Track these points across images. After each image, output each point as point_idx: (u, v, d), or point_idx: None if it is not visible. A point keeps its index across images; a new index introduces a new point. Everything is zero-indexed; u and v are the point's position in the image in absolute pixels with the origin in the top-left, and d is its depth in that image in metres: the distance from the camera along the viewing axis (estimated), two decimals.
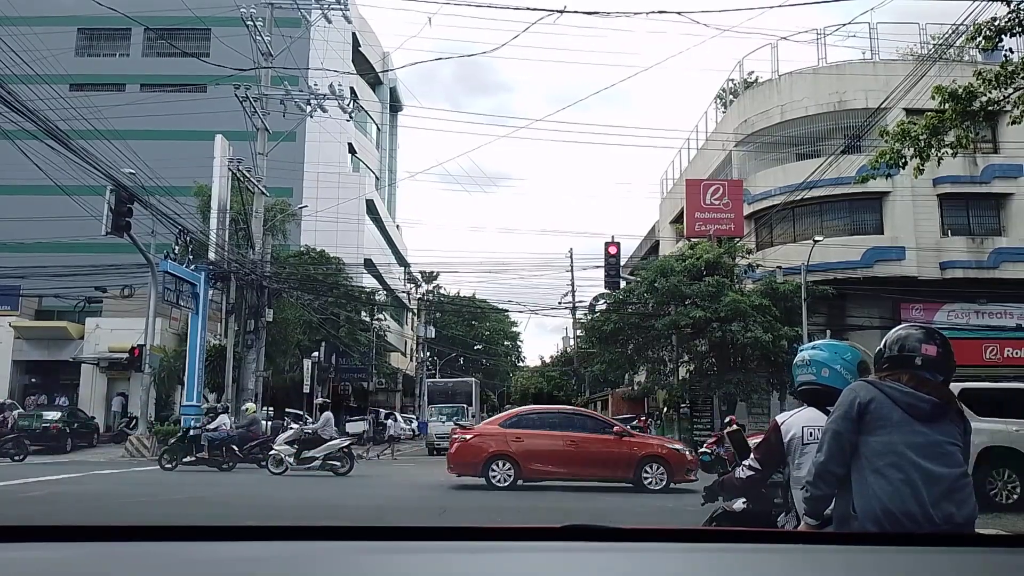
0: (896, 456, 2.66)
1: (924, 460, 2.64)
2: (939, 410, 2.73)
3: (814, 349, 3.46)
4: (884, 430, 2.71)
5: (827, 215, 29.10)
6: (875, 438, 2.71)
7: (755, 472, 3.46)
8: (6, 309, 31.99)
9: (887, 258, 27.57)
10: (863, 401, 2.76)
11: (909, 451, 2.66)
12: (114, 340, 29.71)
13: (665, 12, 41.45)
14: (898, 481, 2.63)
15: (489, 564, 1.33)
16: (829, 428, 2.83)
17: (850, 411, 2.76)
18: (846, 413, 2.77)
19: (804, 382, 3.39)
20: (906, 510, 2.60)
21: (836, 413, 2.83)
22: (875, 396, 2.76)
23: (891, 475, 2.65)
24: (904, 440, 2.68)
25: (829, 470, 2.79)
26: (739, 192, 30.20)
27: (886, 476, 2.65)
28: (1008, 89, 10.89)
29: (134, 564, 1.29)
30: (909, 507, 2.60)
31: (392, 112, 54.62)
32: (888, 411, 2.72)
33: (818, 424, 3.20)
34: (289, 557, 1.33)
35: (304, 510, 10.63)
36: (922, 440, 2.67)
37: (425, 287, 56.93)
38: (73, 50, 38.20)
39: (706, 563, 1.41)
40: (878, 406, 2.73)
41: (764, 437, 3.50)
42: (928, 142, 11.13)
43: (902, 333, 2.92)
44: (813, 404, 3.37)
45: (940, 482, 2.62)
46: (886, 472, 2.66)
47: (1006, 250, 27.59)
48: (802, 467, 3.17)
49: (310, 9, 24.76)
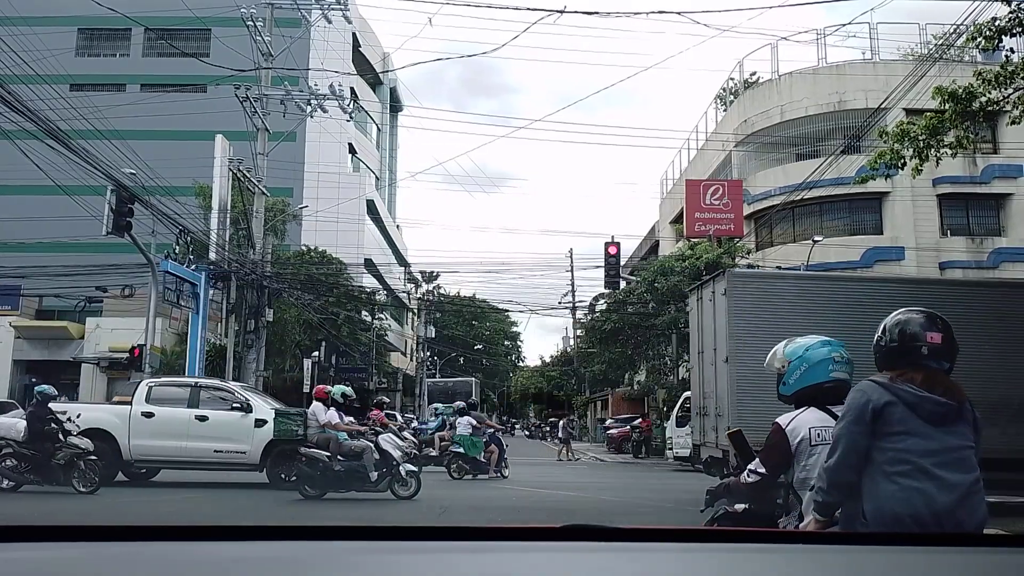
0: (910, 465, 2.58)
1: (939, 469, 2.56)
2: (954, 412, 2.64)
3: (842, 347, 3.31)
4: (898, 436, 2.61)
5: (827, 215, 29.12)
6: (889, 444, 2.62)
7: (761, 477, 3.38)
8: (6, 309, 32.00)
9: (887, 258, 27.58)
10: (877, 406, 2.64)
11: (924, 459, 2.57)
12: (114, 340, 29.72)
13: (665, 12, 41.50)
14: (911, 489, 2.56)
15: (489, 564, 1.33)
16: (843, 434, 2.71)
17: (863, 416, 2.65)
18: (859, 418, 2.65)
19: (840, 380, 3.21)
20: (918, 517, 2.53)
21: (848, 418, 2.70)
22: (889, 400, 2.63)
23: (904, 483, 2.57)
24: (919, 448, 2.59)
25: (844, 478, 2.69)
26: (739, 192, 30.21)
27: (899, 484, 2.57)
28: (1008, 89, 10.90)
29: (134, 564, 1.29)
30: (921, 515, 2.53)
31: (392, 112, 54.60)
32: (902, 416, 2.62)
33: (825, 425, 3.13)
34: (289, 557, 1.33)
35: (304, 510, 10.63)
36: (937, 446, 2.59)
37: (425, 287, 56.91)
38: (73, 50, 38.20)
39: (706, 563, 1.41)
40: (892, 411, 2.62)
41: (769, 441, 3.36)
42: (927, 142, 11.13)
43: (902, 318, 2.79)
44: (812, 404, 3.27)
45: (954, 490, 2.55)
46: (899, 480, 2.58)
47: (1006, 250, 27.59)
48: (810, 469, 3.11)
49: (310, 9, 24.75)
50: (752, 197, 30.37)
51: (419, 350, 52.44)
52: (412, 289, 55.19)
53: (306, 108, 24.96)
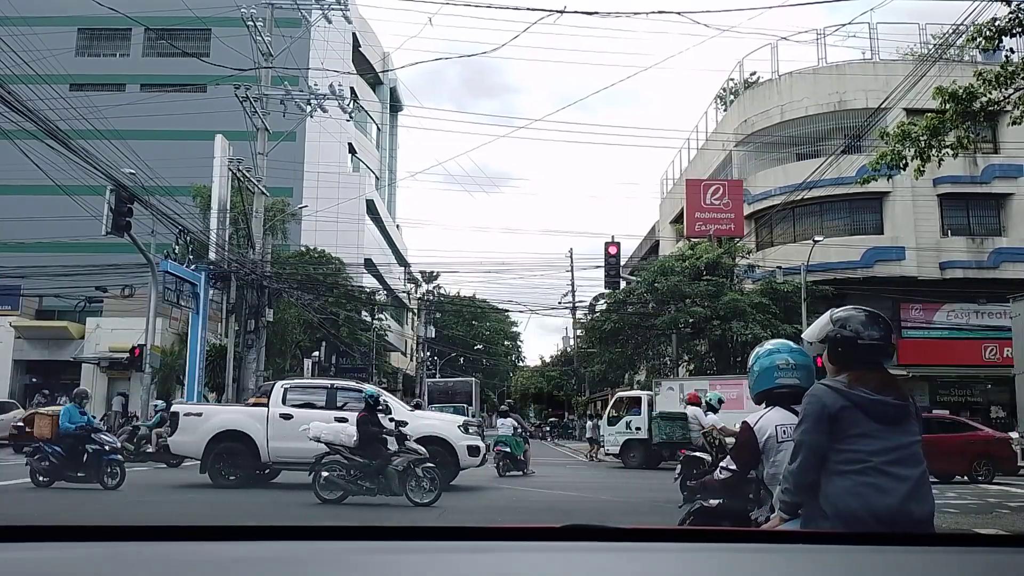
0: (864, 464, 2.75)
1: (890, 466, 2.74)
2: (903, 411, 2.82)
3: (795, 353, 3.55)
4: (852, 439, 2.78)
5: (827, 215, 29.11)
6: (844, 446, 2.79)
7: (732, 473, 3.61)
8: (7, 309, 32.02)
9: (887, 258, 27.58)
10: (832, 412, 2.80)
11: (876, 458, 2.75)
12: (114, 340, 29.74)
13: (665, 12, 41.51)
14: (866, 486, 2.73)
15: (489, 564, 1.33)
16: (803, 440, 2.87)
17: (820, 423, 2.81)
18: (817, 424, 2.82)
19: (788, 385, 3.47)
20: (873, 511, 2.71)
21: (806, 424, 2.86)
22: (843, 405, 2.80)
23: (859, 480, 2.75)
24: (872, 447, 2.76)
25: (807, 479, 2.87)
26: (739, 192, 30.21)
27: (854, 481, 2.75)
28: (1008, 89, 10.89)
29: (134, 564, 1.29)
30: (875, 508, 2.71)
31: (392, 112, 54.62)
32: (856, 420, 2.78)
33: (790, 422, 3.28)
34: (289, 557, 1.33)
35: (304, 510, 10.63)
36: (888, 445, 2.77)
37: (425, 287, 56.90)
38: (73, 50, 38.23)
39: (706, 563, 1.41)
40: (846, 415, 2.79)
41: (739, 440, 3.62)
42: (928, 143, 11.13)
43: (843, 315, 2.95)
44: (778, 404, 3.49)
45: (905, 483, 2.73)
46: (854, 478, 2.75)
47: (1006, 250, 27.60)
48: (778, 465, 3.26)
49: (310, 9, 24.76)
50: (752, 197, 30.37)
51: (419, 350, 52.46)
52: (412, 289, 55.19)
53: (306, 108, 24.96)
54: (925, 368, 27.39)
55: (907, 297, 27.66)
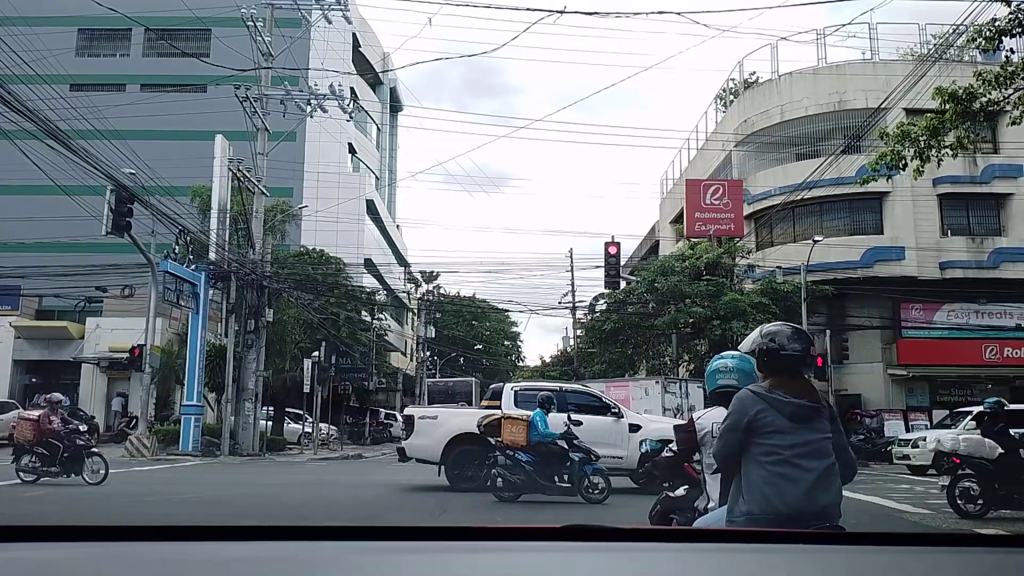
0: (778, 457, 3.20)
1: (801, 459, 3.18)
2: (815, 412, 3.26)
3: (735, 359, 4.15)
4: (769, 434, 3.23)
5: (827, 215, 29.11)
6: (762, 441, 3.23)
7: (674, 454, 4.47)
8: (6, 309, 32.00)
9: (887, 258, 27.58)
10: (751, 415, 3.25)
11: (789, 451, 3.19)
12: (114, 340, 29.72)
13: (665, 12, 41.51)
14: (778, 477, 3.17)
15: (489, 564, 1.33)
16: (723, 435, 3.39)
17: (740, 423, 3.27)
18: (736, 425, 3.29)
19: (725, 385, 4.07)
20: (784, 499, 3.14)
21: (729, 420, 3.35)
22: (761, 408, 3.25)
23: (773, 470, 3.19)
24: (784, 443, 3.20)
25: (724, 460, 3.47)
26: (739, 192, 30.20)
27: (768, 471, 3.19)
28: (1008, 90, 10.90)
29: (134, 564, 1.29)
30: (787, 497, 3.15)
31: (392, 112, 54.59)
32: (772, 419, 3.23)
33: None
34: (289, 557, 1.33)
35: (304, 510, 10.63)
36: (800, 440, 3.21)
37: (425, 287, 56.85)
38: (73, 50, 38.18)
39: (706, 563, 1.41)
40: (764, 416, 3.24)
41: (683, 430, 4.37)
42: (928, 143, 11.13)
43: (772, 330, 3.42)
44: (719, 403, 4.02)
45: (812, 473, 3.16)
46: (769, 468, 3.20)
47: (1006, 250, 27.60)
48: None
49: (310, 9, 24.77)
50: (752, 197, 30.37)
51: (419, 350, 52.41)
52: (412, 289, 55.14)
53: (306, 108, 24.98)
54: (925, 368, 27.41)
55: (907, 297, 27.66)
